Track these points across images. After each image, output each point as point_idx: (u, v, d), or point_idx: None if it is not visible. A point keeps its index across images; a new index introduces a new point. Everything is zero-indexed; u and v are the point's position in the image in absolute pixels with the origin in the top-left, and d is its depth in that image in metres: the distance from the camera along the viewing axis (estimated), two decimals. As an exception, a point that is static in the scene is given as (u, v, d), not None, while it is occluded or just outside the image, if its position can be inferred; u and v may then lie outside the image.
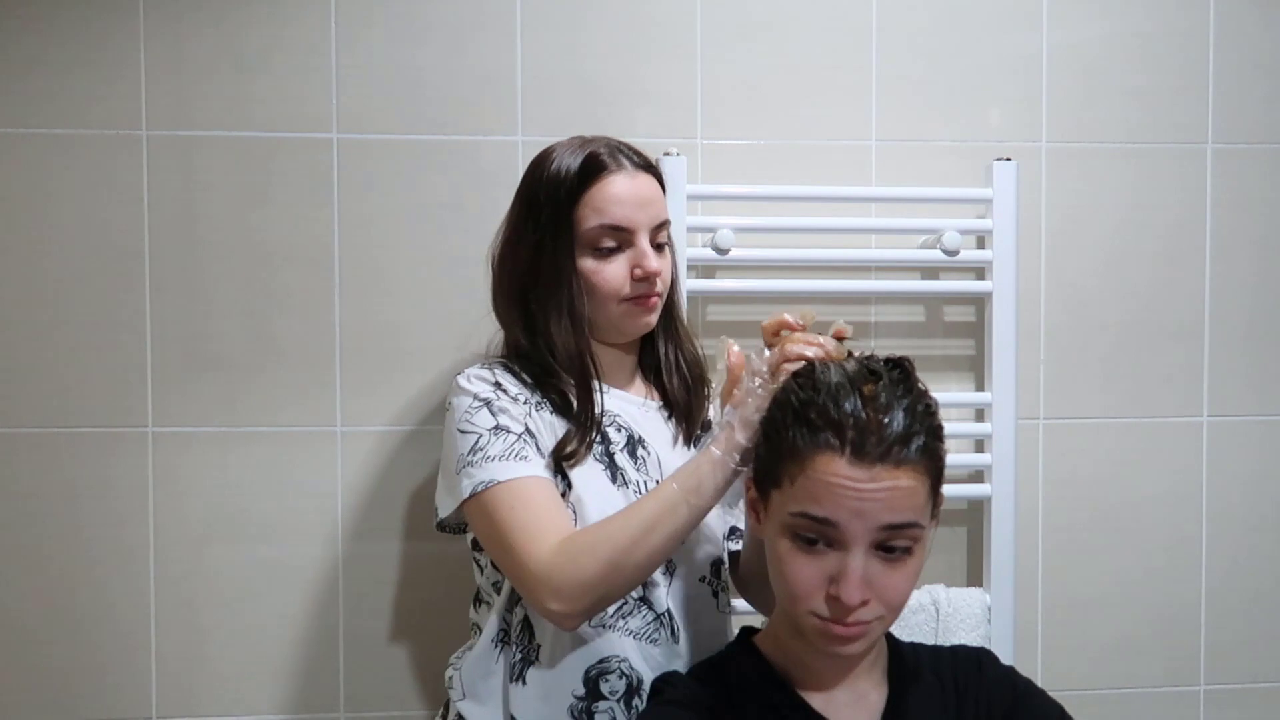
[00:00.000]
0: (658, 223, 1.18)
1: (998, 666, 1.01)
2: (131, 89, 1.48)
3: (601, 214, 1.14)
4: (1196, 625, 1.62)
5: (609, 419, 1.18)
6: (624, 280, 1.16)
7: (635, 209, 1.15)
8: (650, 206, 1.17)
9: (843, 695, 0.94)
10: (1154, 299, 1.61)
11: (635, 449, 1.18)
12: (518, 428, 1.12)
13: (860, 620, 0.86)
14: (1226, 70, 1.60)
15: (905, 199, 1.52)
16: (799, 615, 0.89)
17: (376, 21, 1.50)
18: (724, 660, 1.01)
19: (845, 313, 1.54)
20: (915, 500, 0.85)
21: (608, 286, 1.15)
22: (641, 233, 1.16)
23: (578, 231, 1.15)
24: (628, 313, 1.17)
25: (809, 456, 0.86)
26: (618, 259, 1.16)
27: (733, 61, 1.54)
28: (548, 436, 1.14)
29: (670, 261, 1.21)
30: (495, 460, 1.09)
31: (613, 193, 1.15)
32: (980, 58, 1.57)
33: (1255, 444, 1.62)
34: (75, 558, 1.48)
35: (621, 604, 1.10)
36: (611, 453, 1.16)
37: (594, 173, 1.15)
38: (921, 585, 1.49)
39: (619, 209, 1.14)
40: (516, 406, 1.14)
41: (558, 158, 1.17)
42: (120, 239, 1.48)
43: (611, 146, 1.18)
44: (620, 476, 1.15)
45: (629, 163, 1.17)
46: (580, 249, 1.15)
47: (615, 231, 1.15)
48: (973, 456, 1.56)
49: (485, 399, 1.13)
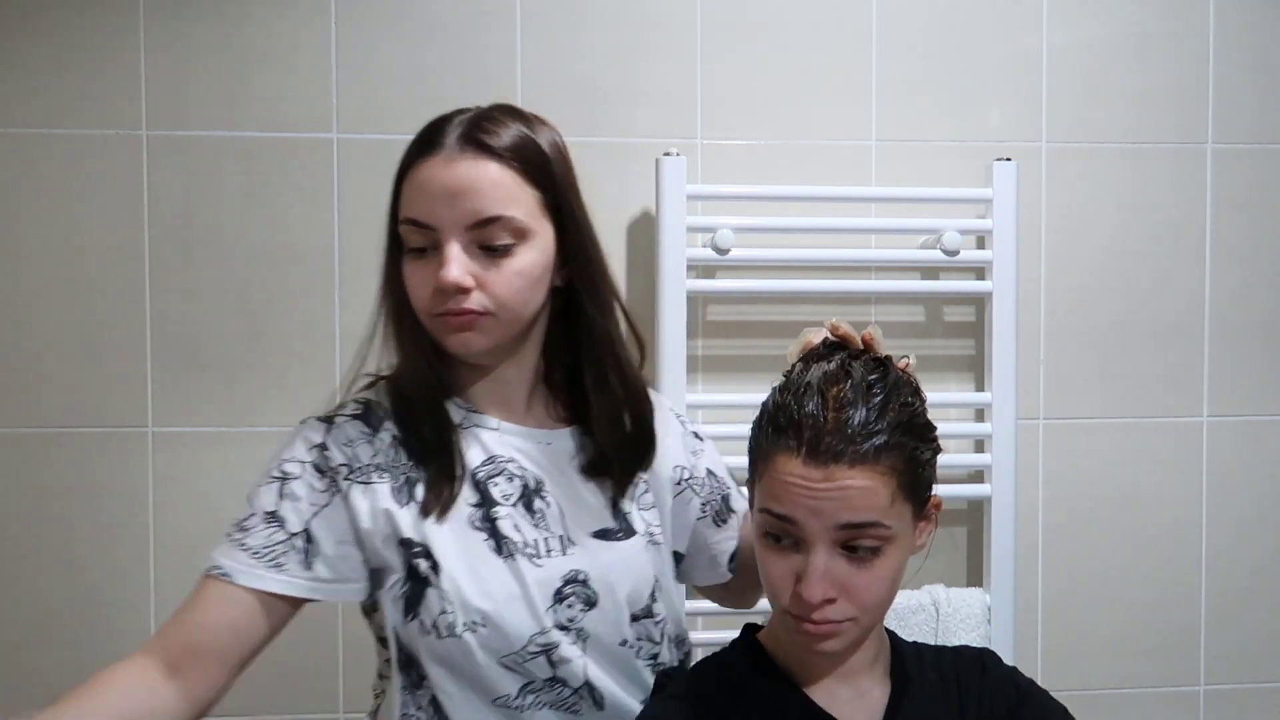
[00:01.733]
0: (478, 220, 0.93)
1: (1000, 667, 1.01)
2: (131, 89, 1.48)
3: (407, 205, 0.95)
4: (1196, 625, 1.62)
5: (499, 465, 1.00)
6: (429, 291, 0.95)
7: (441, 202, 0.93)
8: (466, 199, 0.93)
9: (845, 692, 0.94)
10: (1154, 299, 1.61)
11: (533, 500, 1.00)
12: (295, 524, 0.95)
13: (828, 619, 0.87)
14: (1226, 70, 1.60)
15: (905, 199, 1.53)
16: (778, 614, 0.91)
17: (376, 21, 1.50)
18: (727, 656, 1.01)
19: (845, 313, 1.54)
20: (874, 500, 0.85)
21: (415, 296, 0.97)
22: (449, 232, 0.93)
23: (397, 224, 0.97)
24: (440, 331, 0.96)
25: (771, 456, 0.88)
26: (427, 264, 0.95)
27: (733, 61, 1.54)
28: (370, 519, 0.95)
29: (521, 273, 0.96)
30: (245, 551, 0.94)
31: (420, 179, 0.94)
32: (980, 58, 1.57)
33: (1255, 444, 1.62)
34: (75, 558, 1.48)
35: (528, 682, 0.96)
36: (495, 517, 0.97)
37: (419, 150, 0.96)
38: (921, 585, 1.49)
39: (420, 201, 0.94)
40: (311, 495, 0.95)
41: None
42: (120, 239, 1.48)
43: (455, 119, 0.96)
44: (506, 545, 0.96)
45: (456, 140, 0.94)
46: (403, 250, 0.97)
47: (419, 229, 0.95)
48: (973, 456, 1.56)
49: (283, 474, 0.96)
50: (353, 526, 0.97)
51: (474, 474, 0.99)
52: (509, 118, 0.99)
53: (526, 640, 0.95)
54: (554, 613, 0.97)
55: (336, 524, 0.96)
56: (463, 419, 1.02)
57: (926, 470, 0.91)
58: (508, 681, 0.96)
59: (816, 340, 0.98)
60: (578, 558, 0.99)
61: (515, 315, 0.97)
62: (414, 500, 0.97)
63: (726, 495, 1.16)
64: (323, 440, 0.98)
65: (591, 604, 0.99)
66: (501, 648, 0.95)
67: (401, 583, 0.97)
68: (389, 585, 0.98)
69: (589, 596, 0.99)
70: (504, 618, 0.94)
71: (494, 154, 0.94)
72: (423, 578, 0.95)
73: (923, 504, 0.91)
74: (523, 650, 0.95)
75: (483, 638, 0.94)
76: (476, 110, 0.98)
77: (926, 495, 0.92)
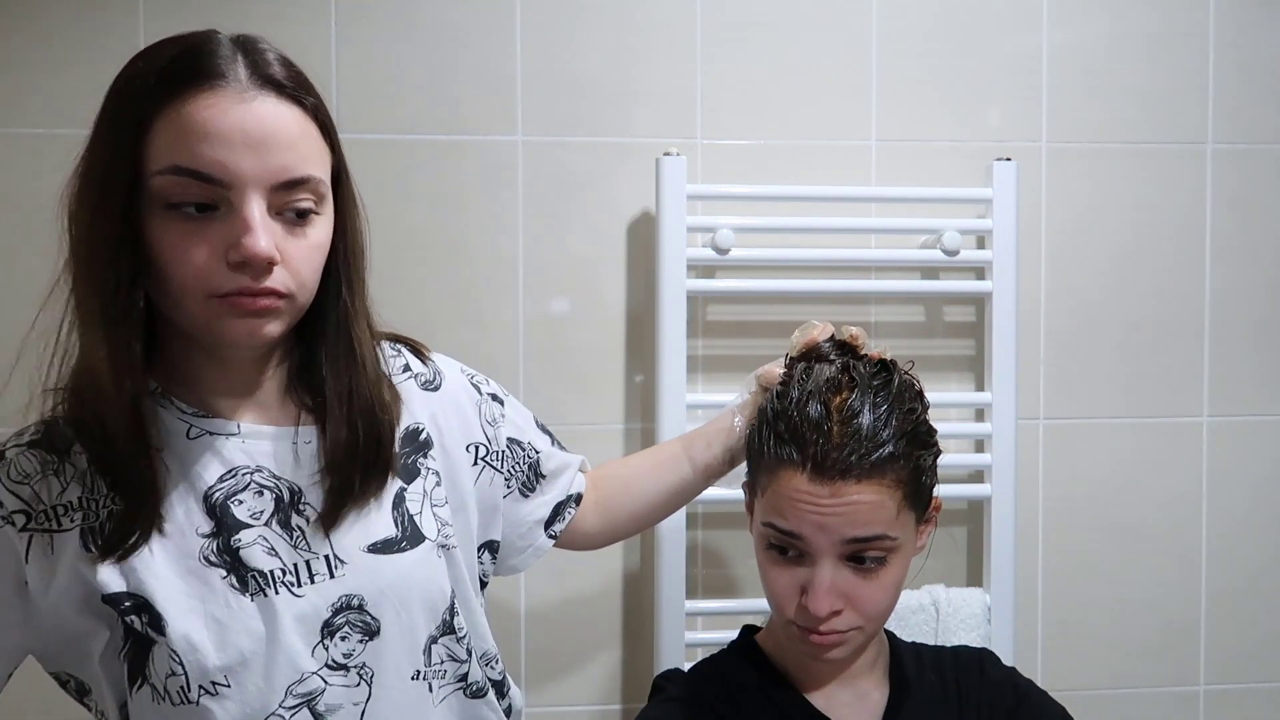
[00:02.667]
0: (287, 179, 0.76)
1: (999, 667, 1.01)
2: (131, 89, 1.47)
3: (177, 149, 0.73)
4: (1196, 625, 1.62)
5: (243, 478, 0.81)
6: (212, 264, 0.75)
7: (239, 151, 0.73)
8: (273, 150, 0.75)
9: (844, 694, 0.94)
10: (1154, 299, 1.61)
11: (289, 516, 0.82)
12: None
13: (834, 630, 0.87)
14: (1226, 70, 1.60)
15: (905, 199, 1.52)
16: (783, 622, 0.91)
17: (376, 21, 1.50)
18: (725, 658, 1.01)
19: (845, 313, 1.55)
20: (881, 514, 0.85)
21: (184, 269, 0.75)
22: (248, 191, 0.75)
23: (144, 173, 0.74)
24: (220, 316, 0.77)
25: (775, 470, 0.87)
26: (207, 229, 0.75)
27: (733, 61, 1.54)
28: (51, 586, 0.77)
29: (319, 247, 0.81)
30: None
31: (203, 118, 0.73)
32: (980, 58, 1.57)
33: (1255, 444, 1.62)
34: (75, 558, 1.48)
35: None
36: (236, 547, 0.78)
37: (185, 79, 0.74)
38: (921, 585, 1.49)
39: (205, 147, 0.73)
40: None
41: (146, 52, 0.79)
42: (120, 239, 1.48)
43: (236, 43, 0.79)
44: (255, 579, 0.78)
45: (245, 73, 0.75)
46: (149, 203, 0.74)
47: (201, 183, 0.74)
48: (973, 456, 1.56)
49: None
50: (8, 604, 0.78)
51: (207, 496, 0.80)
52: (280, 53, 0.80)
53: (282, 694, 0.78)
54: (324, 650, 0.80)
55: None
56: (189, 428, 0.82)
57: (929, 477, 0.91)
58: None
59: (822, 338, 0.97)
60: (350, 579, 0.82)
61: (308, 299, 0.81)
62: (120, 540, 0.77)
63: (535, 462, 1.04)
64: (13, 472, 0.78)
65: (372, 633, 0.82)
66: (251, 713, 0.78)
67: (120, 642, 0.78)
68: (100, 650, 0.79)
69: (367, 624, 0.82)
70: (251, 672, 0.77)
71: (295, 99, 0.77)
72: (142, 635, 0.77)
73: (925, 508, 0.91)
74: (279, 709, 0.78)
75: (226, 704, 0.77)
76: (247, 35, 0.80)
77: (929, 499, 0.92)
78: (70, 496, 0.78)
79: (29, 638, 0.81)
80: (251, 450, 0.83)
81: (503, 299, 1.51)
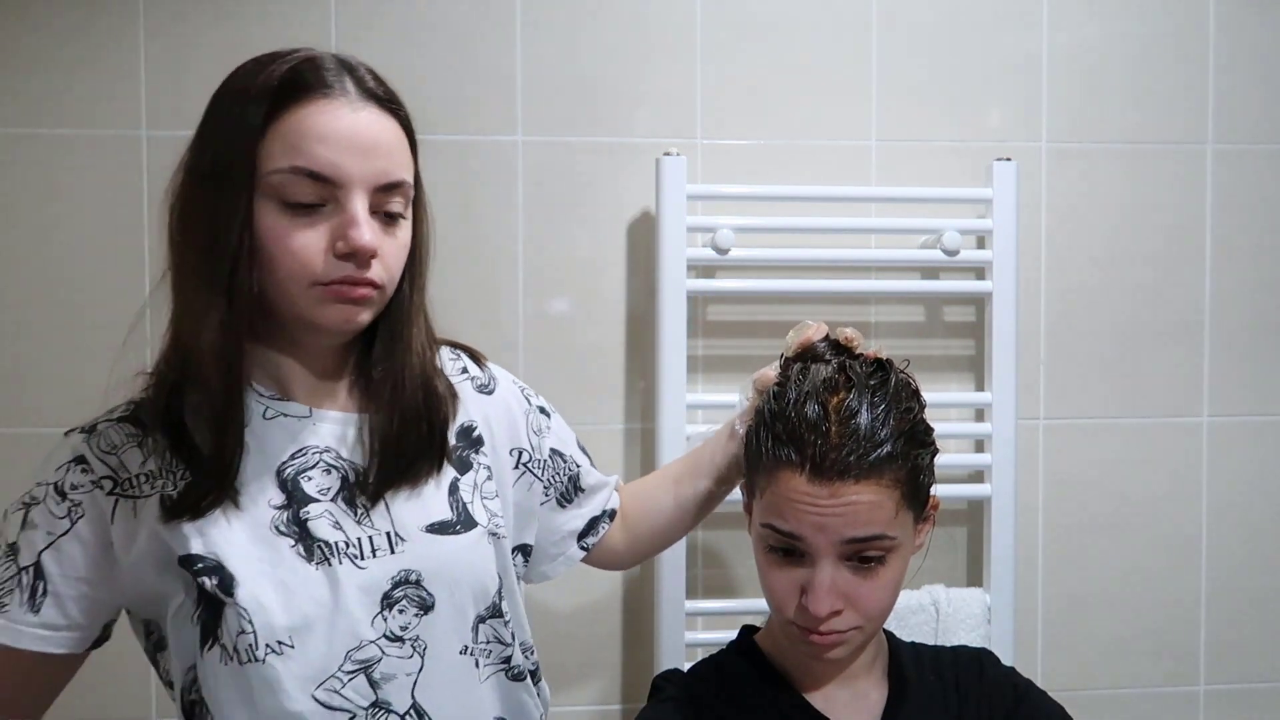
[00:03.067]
0: (386, 182, 0.84)
1: (998, 667, 1.01)
2: (131, 89, 1.47)
3: (296, 151, 0.81)
4: (1196, 625, 1.62)
5: (313, 457, 0.89)
6: (319, 254, 0.83)
7: (349, 155, 0.82)
8: (376, 156, 0.83)
9: (842, 694, 0.94)
10: (1154, 299, 1.61)
11: (354, 495, 0.89)
12: (27, 557, 0.84)
13: (835, 629, 0.87)
14: (1226, 70, 1.60)
15: (905, 199, 1.52)
16: (783, 623, 0.91)
17: (376, 21, 1.50)
18: (725, 658, 1.01)
19: (845, 313, 1.55)
20: (880, 514, 0.85)
21: (294, 259, 0.82)
22: (355, 190, 0.83)
23: (259, 172, 0.81)
24: (321, 302, 0.84)
25: (773, 471, 0.87)
26: (317, 223, 0.83)
27: (733, 61, 1.54)
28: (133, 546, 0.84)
29: (405, 246, 0.89)
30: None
31: (319, 124, 0.81)
32: (980, 58, 1.57)
33: (1255, 444, 1.62)
34: (75, 558, 1.48)
35: (349, 718, 0.85)
36: (305, 518, 0.86)
37: (304, 90, 0.82)
38: (921, 585, 1.49)
39: (321, 150, 0.81)
40: (48, 523, 0.84)
41: (255, 66, 0.85)
42: (120, 239, 1.48)
43: (339, 61, 0.85)
44: (320, 549, 0.85)
45: (356, 88, 0.84)
46: (262, 199, 0.82)
47: (315, 181, 0.82)
48: (973, 456, 1.56)
49: (31, 499, 0.86)
50: (96, 561, 0.85)
51: (279, 471, 0.87)
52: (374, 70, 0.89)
53: (341, 659, 0.84)
54: (383, 621, 0.86)
55: (71, 557, 0.84)
56: (265, 409, 0.89)
57: (927, 475, 0.91)
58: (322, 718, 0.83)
59: (816, 337, 0.97)
60: (409, 556, 0.88)
61: (391, 292, 0.89)
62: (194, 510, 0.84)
63: (575, 476, 1.09)
64: (80, 453, 0.86)
65: (427, 608, 0.88)
66: (313, 674, 0.83)
67: (194, 605, 0.84)
68: (174, 612, 0.85)
69: (423, 599, 0.88)
70: (314, 635, 0.83)
71: (393, 112, 0.87)
72: (213, 597, 0.82)
73: (923, 507, 0.91)
74: (338, 672, 0.83)
75: (290, 664, 0.82)
76: (344, 55, 0.87)
77: (926, 498, 0.92)
78: (150, 467, 0.86)
79: (116, 594, 0.87)
80: (321, 432, 0.90)
81: (503, 299, 1.51)
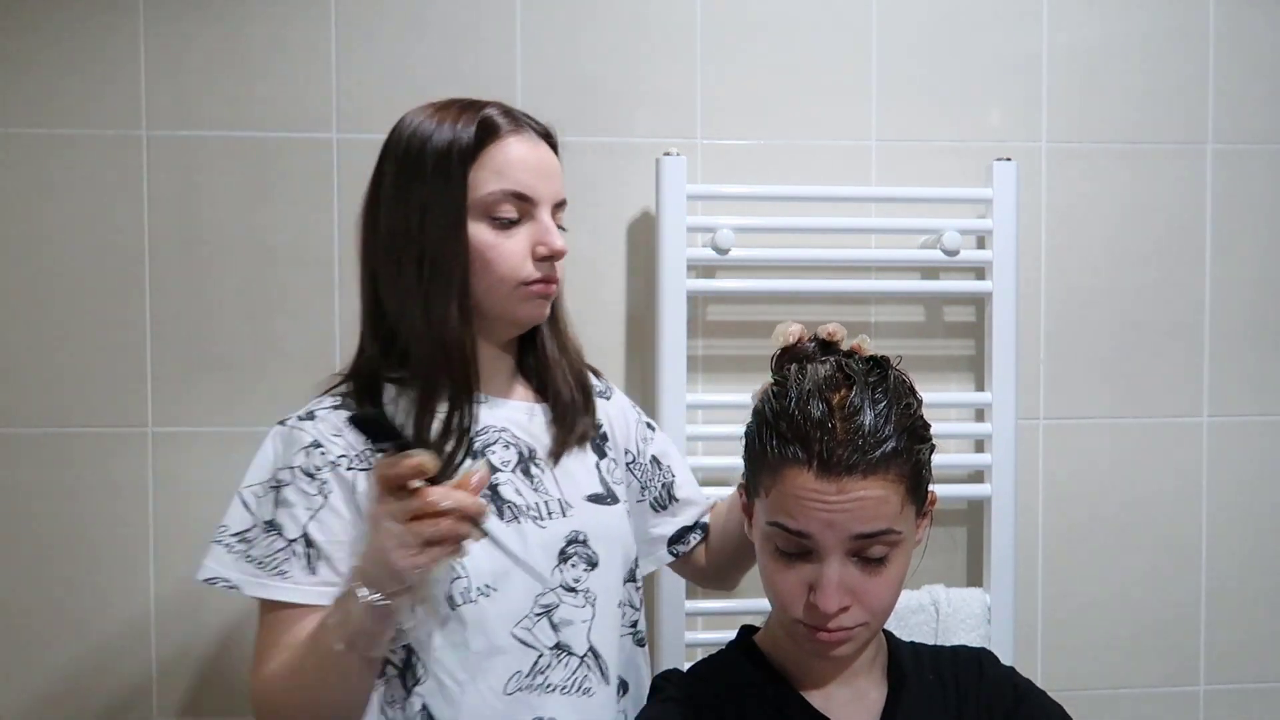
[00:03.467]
0: (559, 200, 1.06)
1: (998, 667, 1.01)
2: (131, 89, 1.48)
3: (503, 177, 1.01)
4: (1196, 625, 1.62)
5: (494, 435, 1.04)
6: (524, 258, 1.02)
7: (539, 177, 1.02)
8: (554, 179, 1.05)
9: (842, 694, 0.94)
10: (1154, 299, 1.61)
11: (529, 467, 1.05)
12: (292, 530, 0.97)
13: (842, 626, 0.87)
14: (1226, 70, 1.60)
15: (905, 199, 1.52)
16: (787, 623, 0.90)
17: (376, 21, 1.50)
18: (724, 658, 1.01)
19: (845, 313, 1.55)
20: (886, 508, 0.85)
21: (505, 264, 1.01)
22: (544, 206, 1.03)
23: (472, 197, 1.00)
24: (524, 299, 1.03)
25: (779, 469, 0.87)
26: (515, 235, 1.02)
27: (733, 61, 1.54)
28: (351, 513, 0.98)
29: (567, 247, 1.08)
30: (251, 563, 0.97)
31: (515, 155, 1.02)
32: (980, 58, 1.57)
33: (1255, 444, 1.62)
34: (75, 558, 1.48)
35: (537, 657, 0.98)
36: (496, 484, 1.01)
37: (492, 131, 1.02)
38: (921, 585, 1.49)
39: (524, 174, 1.01)
40: (304, 500, 0.97)
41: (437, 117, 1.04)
42: (120, 239, 1.48)
43: (506, 108, 1.06)
44: (510, 509, 1.01)
45: (530, 127, 1.05)
46: (473, 218, 1.01)
47: (517, 200, 1.02)
48: (973, 456, 1.56)
49: (278, 482, 0.99)
50: (349, 525, 0.98)
51: (471, 441, 1.02)
52: None
53: (531, 603, 0.99)
54: (560, 572, 1.01)
55: (331, 525, 0.98)
56: None
57: (927, 470, 0.91)
58: (517, 656, 0.98)
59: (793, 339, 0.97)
60: (576, 519, 1.04)
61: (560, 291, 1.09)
62: None
63: (670, 484, 1.20)
64: (314, 438, 1.00)
65: (594, 564, 1.03)
66: (511, 614, 0.98)
67: None
68: None
69: (590, 556, 1.03)
70: (511, 582, 0.98)
71: (553, 145, 1.08)
72: None
73: (923, 502, 0.92)
74: (529, 614, 0.99)
75: (494, 604, 0.97)
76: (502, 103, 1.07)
77: (926, 493, 0.92)
78: (361, 447, 1.00)
79: None
80: (497, 414, 1.06)
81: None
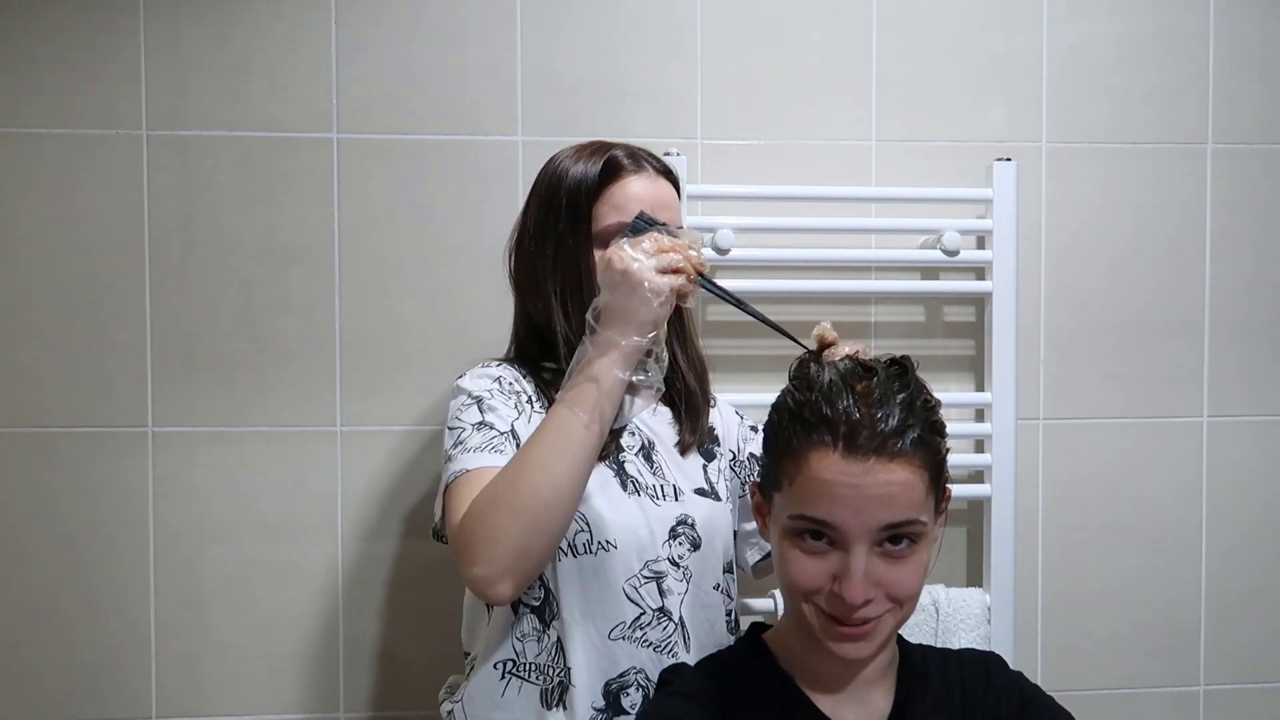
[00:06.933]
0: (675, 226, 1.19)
1: (1005, 672, 1.01)
2: (131, 89, 1.47)
3: (622, 211, 1.15)
4: (1196, 625, 1.62)
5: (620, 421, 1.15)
6: None
7: (655, 210, 1.16)
8: (669, 210, 1.18)
9: (849, 698, 0.94)
10: (1154, 299, 1.61)
11: (650, 454, 1.18)
12: (503, 425, 1.11)
13: (866, 617, 0.86)
14: (1226, 70, 1.60)
15: (905, 199, 1.52)
16: (806, 614, 0.89)
17: (376, 21, 1.50)
18: (732, 656, 1.01)
19: (845, 313, 1.55)
20: (913, 495, 0.85)
21: None
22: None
23: (596, 228, 1.16)
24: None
25: (804, 454, 0.86)
26: None
27: (733, 61, 1.54)
28: None
29: None
30: (471, 451, 1.08)
31: (633, 191, 1.17)
32: (980, 58, 1.57)
33: (1255, 444, 1.62)
34: (75, 558, 1.48)
35: (639, 614, 1.10)
36: (622, 460, 1.15)
37: (615, 171, 1.17)
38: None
39: (640, 207, 1.15)
40: (507, 407, 1.13)
41: (575, 157, 1.19)
42: (120, 239, 1.48)
43: (632, 150, 1.20)
44: (631, 484, 1.14)
45: (650, 167, 1.20)
46: (599, 245, 1.16)
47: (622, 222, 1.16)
48: (973, 456, 1.56)
49: (478, 397, 1.14)
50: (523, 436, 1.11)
51: None
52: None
53: (643, 565, 1.10)
54: (668, 547, 1.12)
55: (528, 427, 1.11)
56: None
57: (945, 466, 0.91)
58: (626, 608, 1.09)
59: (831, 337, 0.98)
60: (686, 506, 1.15)
61: None
62: None
63: None
64: (497, 375, 1.17)
65: (696, 546, 1.14)
66: (626, 569, 1.09)
67: None
68: None
69: (694, 539, 1.14)
70: (629, 543, 1.10)
71: (674, 182, 1.22)
72: None
73: (941, 497, 0.92)
74: (641, 573, 1.10)
75: (612, 559, 1.09)
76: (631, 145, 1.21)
77: (944, 488, 0.92)
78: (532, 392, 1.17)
79: None
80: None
81: (503, 298, 1.51)
